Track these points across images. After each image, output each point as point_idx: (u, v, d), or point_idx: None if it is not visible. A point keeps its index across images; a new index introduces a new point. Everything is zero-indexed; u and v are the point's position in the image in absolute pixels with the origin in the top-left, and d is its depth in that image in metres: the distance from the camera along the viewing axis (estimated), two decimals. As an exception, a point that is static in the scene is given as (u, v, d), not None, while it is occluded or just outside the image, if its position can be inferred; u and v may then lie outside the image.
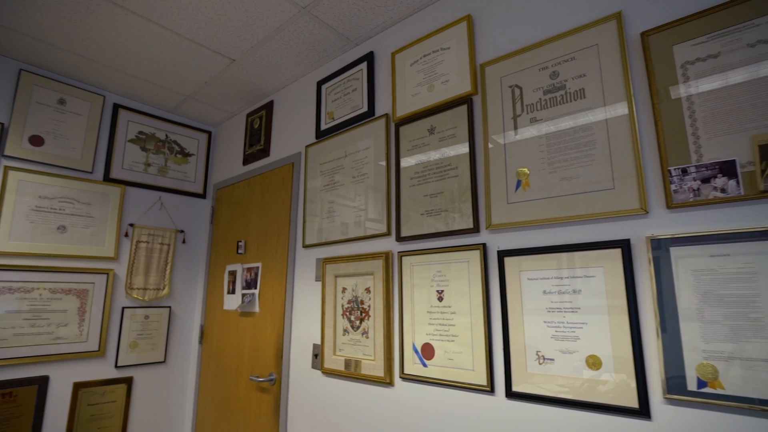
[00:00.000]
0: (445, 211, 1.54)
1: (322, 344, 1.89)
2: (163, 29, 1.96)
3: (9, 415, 2.07)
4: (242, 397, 2.27)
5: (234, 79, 2.40)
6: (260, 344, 2.23)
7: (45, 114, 2.30)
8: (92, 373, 2.35)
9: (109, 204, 2.47)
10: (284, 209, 2.26)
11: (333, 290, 1.88)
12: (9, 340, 2.09)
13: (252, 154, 2.57)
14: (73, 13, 1.86)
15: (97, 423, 2.34)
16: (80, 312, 2.32)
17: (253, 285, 2.35)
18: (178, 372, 2.70)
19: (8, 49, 2.15)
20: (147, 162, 2.67)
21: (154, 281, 2.61)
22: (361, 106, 1.95)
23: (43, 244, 2.23)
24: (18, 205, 2.16)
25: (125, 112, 2.61)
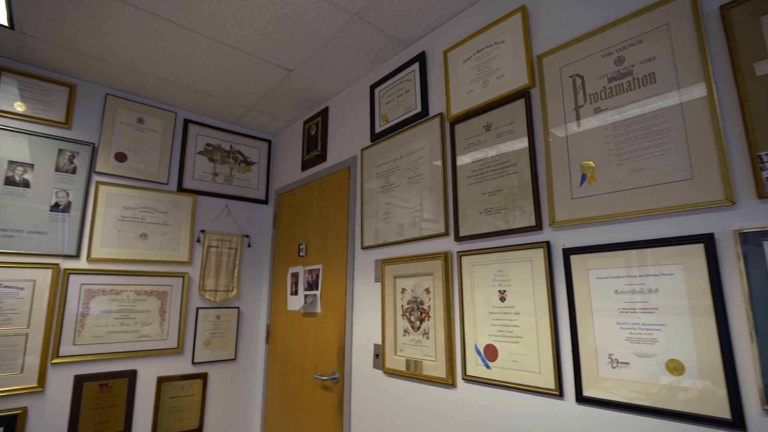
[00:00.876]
0: (504, 209, 1.51)
1: (383, 344, 1.91)
2: (226, 46, 2.08)
3: (107, 404, 2.30)
4: (307, 394, 2.36)
5: (291, 89, 2.50)
6: (323, 344, 2.30)
7: (127, 132, 2.53)
8: (173, 368, 2.55)
9: (183, 212, 2.67)
10: (342, 212, 2.32)
11: (392, 291, 1.90)
12: (104, 337, 2.33)
13: (310, 160, 2.66)
14: (147, 39, 2.03)
15: (178, 414, 2.53)
16: (161, 312, 2.53)
17: (314, 286, 2.43)
18: (248, 369, 2.85)
19: (96, 77, 2.39)
20: (214, 172, 2.85)
21: (224, 283, 2.78)
22: (414, 107, 1.95)
23: (128, 250, 2.45)
24: (107, 215, 2.40)
25: (194, 126, 2.81)
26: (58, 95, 2.34)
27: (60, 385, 2.19)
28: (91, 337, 2.29)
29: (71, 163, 2.33)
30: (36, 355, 2.13)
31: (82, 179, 2.35)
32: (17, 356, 2.09)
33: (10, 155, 2.17)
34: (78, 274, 2.28)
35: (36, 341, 2.14)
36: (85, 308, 2.29)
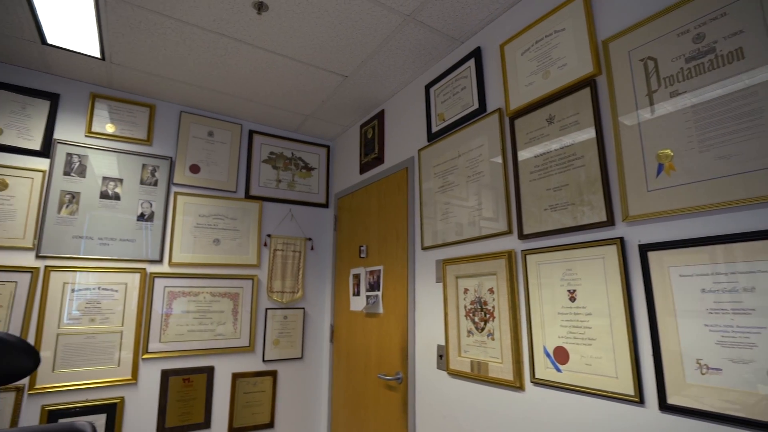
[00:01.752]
0: (571, 204, 1.43)
1: (446, 345, 1.89)
2: (286, 58, 2.18)
3: (189, 396, 2.49)
4: (371, 393, 2.39)
5: (347, 94, 2.56)
6: (386, 344, 2.33)
7: (199, 145, 2.73)
8: (245, 365, 2.70)
9: (251, 218, 2.83)
10: (401, 213, 2.34)
11: (454, 291, 1.88)
12: (185, 335, 2.52)
13: (368, 163, 2.71)
14: (215, 57, 2.18)
15: (251, 409, 2.68)
16: (234, 312, 2.69)
17: (376, 287, 2.46)
18: (314, 367, 2.95)
19: (172, 96, 2.60)
20: (278, 179, 2.99)
21: (289, 285, 2.90)
22: (471, 104, 1.92)
23: (203, 255, 2.64)
24: (185, 223, 2.61)
25: (258, 136, 2.97)
26: (141, 115, 2.58)
27: (150, 378, 2.41)
28: (174, 335, 2.49)
29: (153, 176, 2.55)
30: (129, 351, 2.36)
31: (162, 191, 2.57)
32: (114, 351, 2.32)
33: (103, 172, 2.42)
34: (162, 277, 2.50)
35: (129, 338, 2.37)
36: (169, 308, 2.50)
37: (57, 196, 2.29)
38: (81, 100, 2.44)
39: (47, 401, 2.15)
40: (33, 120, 2.29)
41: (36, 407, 2.13)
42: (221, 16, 1.85)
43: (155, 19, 1.88)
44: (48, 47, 2.12)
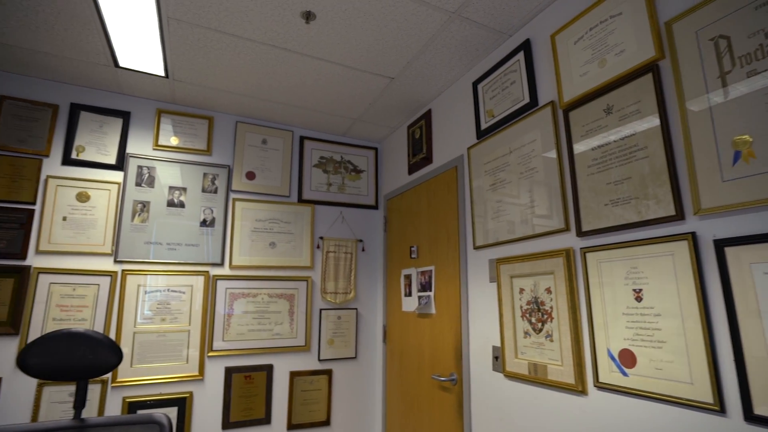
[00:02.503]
0: (635, 198, 1.35)
1: (502, 346, 1.85)
2: (334, 64, 2.23)
3: (250, 393, 2.61)
4: (425, 394, 2.38)
5: (393, 96, 2.58)
6: (439, 344, 2.31)
7: (254, 153, 2.86)
8: (302, 364, 2.79)
9: (304, 221, 2.92)
10: (452, 212, 2.31)
11: (509, 291, 1.83)
12: (245, 334, 2.65)
13: (416, 163, 2.70)
14: (267, 67, 2.27)
15: (309, 407, 2.75)
16: (290, 313, 2.79)
17: (428, 287, 2.45)
18: (368, 367, 2.99)
19: (228, 108, 2.75)
20: (328, 182, 3.07)
21: (342, 286, 2.96)
22: (522, 98, 1.87)
23: (260, 257, 2.76)
24: (243, 228, 2.74)
25: (309, 141, 3.06)
26: (201, 127, 2.75)
27: (215, 375, 2.55)
28: (236, 334, 2.62)
29: (213, 184, 2.71)
30: (196, 349, 2.51)
31: (221, 197, 2.72)
32: (183, 348, 2.48)
33: (169, 182, 2.60)
34: (223, 279, 2.64)
35: (195, 337, 2.52)
36: (230, 309, 2.63)
37: (130, 205, 2.49)
38: (148, 116, 2.64)
39: (127, 393, 2.34)
40: (109, 137, 2.51)
41: (118, 398, 2.32)
42: (272, 28, 1.93)
43: (212, 35, 2.00)
44: (120, 69, 2.31)
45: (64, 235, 2.33)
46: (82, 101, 2.50)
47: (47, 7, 1.81)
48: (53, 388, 2.21)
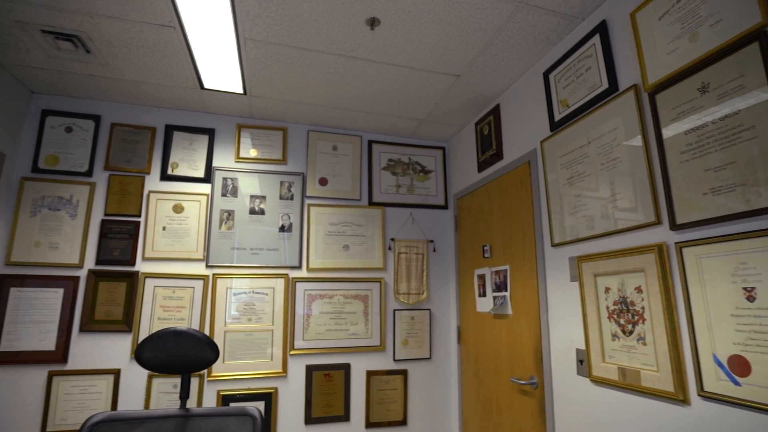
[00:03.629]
0: (741, 185, 1.20)
1: (587, 349, 1.74)
2: (399, 67, 2.25)
3: (329, 390, 2.71)
4: (504, 397, 2.31)
5: (460, 93, 2.54)
6: (517, 346, 2.23)
7: (325, 160, 2.98)
8: (378, 363, 2.84)
9: (375, 224, 2.98)
10: (526, 209, 2.22)
11: (593, 291, 1.72)
12: (323, 334, 2.76)
13: (485, 160, 2.64)
14: (335, 77, 2.35)
15: (385, 406, 2.80)
16: (365, 313, 2.85)
17: (503, 287, 2.38)
18: (442, 368, 2.97)
19: (300, 118, 2.89)
20: (397, 184, 3.10)
21: (415, 287, 2.98)
22: (599, 85, 1.75)
23: (334, 260, 2.86)
24: (318, 232, 2.86)
25: (377, 145, 3.12)
26: (276, 138, 2.92)
27: (297, 372, 2.68)
28: (315, 334, 2.74)
29: (289, 192, 2.86)
30: (279, 347, 2.67)
31: (297, 204, 2.86)
32: (267, 347, 2.65)
33: (250, 191, 2.80)
34: (301, 281, 2.78)
35: (278, 336, 2.68)
36: (309, 310, 2.76)
37: (218, 214, 2.72)
38: (230, 131, 2.86)
39: (220, 387, 2.55)
40: (197, 152, 2.76)
41: (213, 392, 2.54)
42: (338, 38, 2.00)
43: (283, 51, 2.11)
44: (205, 91, 2.53)
45: (163, 243, 2.60)
46: (175, 122, 2.77)
47: (145, 42, 2.04)
48: (160, 379, 2.47)
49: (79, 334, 2.41)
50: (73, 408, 2.33)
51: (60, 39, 2.02)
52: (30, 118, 2.56)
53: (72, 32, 1.97)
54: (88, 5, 1.79)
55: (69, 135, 2.58)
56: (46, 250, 2.43)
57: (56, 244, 2.45)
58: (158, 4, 1.78)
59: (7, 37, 2.03)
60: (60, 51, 2.12)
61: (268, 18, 1.86)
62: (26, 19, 1.88)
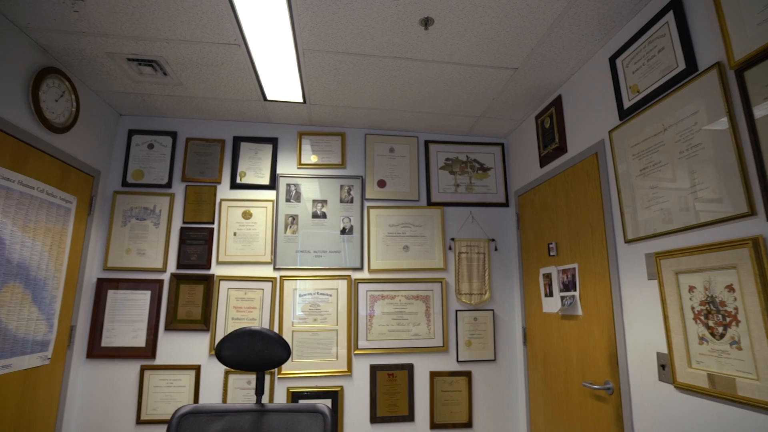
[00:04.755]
0: None
1: (669, 353, 1.61)
2: (454, 65, 2.23)
3: (393, 390, 2.74)
4: (576, 402, 2.20)
5: (518, 87, 2.46)
6: (588, 349, 2.11)
7: (383, 162, 3.02)
8: (441, 364, 2.82)
9: (434, 224, 2.97)
10: (594, 204, 2.10)
11: (675, 290, 1.58)
12: (386, 334, 2.79)
13: (548, 155, 2.53)
14: (390, 79, 2.38)
15: (450, 407, 2.77)
16: (426, 314, 2.85)
17: (571, 287, 2.27)
18: (508, 370, 2.88)
19: (357, 122, 2.95)
20: (456, 183, 3.07)
21: (477, 287, 2.92)
22: (675, 66, 1.61)
23: (395, 261, 2.89)
24: (378, 233, 2.91)
25: (433, 145, 3.10)
26: (335, 143, 3.01)
27: (361, 372, 2.74)
28: (378, 334, 2.78)
29: (349, 195, 2.93)
30: (344, 347, 2.74)
31: (357, 206, 2.92)
32: (332, 346, 2.73)
33: (312, 196, 2.91)
34: (363, 282, 2.83)
35: (342, 336, 2.75)
36: (371, 310, 2.81)
37: (282, 219, 2.85)
38: (292, 139, 2.99)
39: (290, 384, 2.67)
40: (263, 161, 2.91)
41: (283, 388, 2.66)
42: (393, 40, 2.02)
43: (340, 58, 2.17)
44: (268, 102, 2.67)
45: (235, 247, 2.77)
46: (241, 133, 2.95)
47: (213, 60, 2.19)
48: (235, 376, 2.63)
49: (164, 332, 2.64)
50: (162, 399, 2.55)
51: (142, 65, 2.23)
52: (119, 138, 2.85)
53: (152, 58, 2.17)
54: (165, 32, 1.96)
55: (151, 151, 2.84)
56: (135, 256, 2.69)
57: (143, 250, 2.70)
58: (224, 24, 1.90)
59: (99, 68, 2.27)
60: (142, 75, 2.34)
61: (325, 27, 1.93)
62: (114, 50, 2.10)
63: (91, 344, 2.55)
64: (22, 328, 2.03)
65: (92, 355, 2.55)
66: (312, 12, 1.82)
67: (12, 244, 1.96)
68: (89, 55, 2.16)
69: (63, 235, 2.31)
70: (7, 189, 1.92)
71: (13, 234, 1.96)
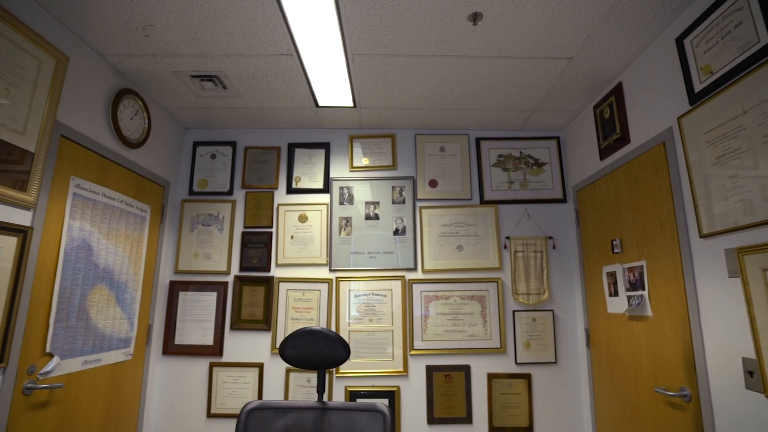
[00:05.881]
0: None
1: (758, 359, 1.46)
2: (505, 59, 2.18)
3: (450, 392, 2.71)
4: (648, 409, 2.06)
5: (573, 77, 2.35)
6: (660, 352, 1.97)
7: (434, 161, 3.00)
8: (499, 366, 2.75)
9: (488, 222, 2.91)
10: (663, 197, 1.96)
11: (762, 288, 1.44)
12: (441, 335, 2.77)
13: (608, 147, 2.40)
14: (439, 78, 2.36)
15: (509, 410, 2.69)
16: (482, 314, 2.79)
17: (638, 286, 2.13)
18: (570, 374, 2.76)
19: (407, 123, 2.97)
20: (509, 180, 2.98)
21: (534, 286, 2.82)
22: (755, 41, 1.47)
23: (449, 261, 2.86)
24: (430, 234, 2.90)
25: (485, 142, 3.04)
26: (385, 145, 3.04)
27: (417, 372, 2.74)
28: (433, 335, 2.77)
29: (401, 196, 2.95)
30: (399, 347, 2.75)
31: (409, 207, 2.93)
32: (388, 346, 2.75)
33: (364, 198, 2.95)
34: (417, 283, 2.83)
35: (398, 336, 2.76)
36: (426, 311, 2.80)
37: (337, 222, 2.92)
38: (343, 143, 3.05)
39: (347, 383, 2.72)
40: (316, 166, 3.00)
41: (341, 387, 2.72)
42: (441, 39, 2.01)
43: (388, 61, 2.19)
44: (319, 108, 2.75)
45: (292, 250, 2.88)
46: (296, 140, 3.06)
47: (268, 71, 2.29)
48: (296, 374, 2.73)
49: (230, 331, 2.79)
50: (229, 395, 2.70)
51: (204, 80, 2.38)
52: (185, 150, 3.06)
53: (213, 73, 2.31)
54: (224, 48, 2.08)
55: (213, 161, 3.02)
56: (202, 260, 2.87)
57: (209, 254, 2.87)
58: (278, 36, 1.99)
59: (167, 86, 2.46)
60: (204, 90, 2.49)
61: (373, 31, 1.95)
62: (180, 68, 2.26)
63: (166, 342, 2.76)
64: (108, 327, 2.24)
65: (167, 351, 2.75)
66: (360, 17, 1.85)
67: (99, 251, 2.16)
68: (158, 75, 2.34)
69: (140, 241, 2.52)
70: (93, 201, 2.13)
71: (99, 241, 2.16)
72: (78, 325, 2.03)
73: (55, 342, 1.89)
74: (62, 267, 1.92)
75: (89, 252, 2.10)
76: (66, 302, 1.95)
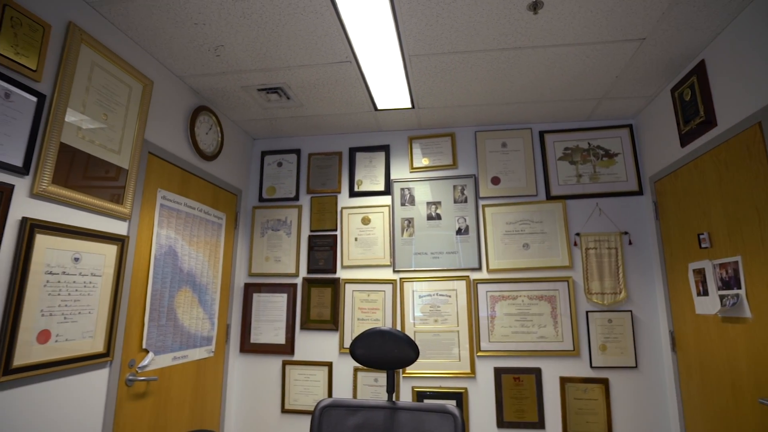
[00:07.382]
0: None
1: None
2: (568, 46, 2.08)
3: (520, 395, 2.63)
4: (749, 422, 1.85)
5: (646, 59, 2.19)
6: (763, 359, 1.77)
7: (495, 158, 2.93)
8: (572, 370, 2.62)
9: (555, 219, 2.78)
10: (760, 184, 1.76)
11: None
12: (509, 336, 2.69)
13: (690, 132, 2.20)
14: (498, 72, 2.30)
15: (585, 417, 2.55)
16: (553, 315, 2.68)
17: (733, 284, 1.93)
18: (653, 379, 2.55)
19: (466, 120, 2.92)
20: (577, 173, 2.83)
21: (609, 285, 2.65)
22: None
23: (514, 260, 2.77)
24: (495, 232, 2.83)
25: (549, 135, 2.91)
26: (444, 144, 3.01)
27: (485, 374, 2.68)
28: (500, 336, 2.70)
29: (462, 195, 2.91)
30: (466, 348, 2.71)
31: (472, 206, 2.89)
32: (454, 347, 2.73)
33: (425, 198, 2.95)
34: (483, 283, 2.78)
35: (464, 337, 2.73)
36: (492, 311, 2.74)
37: (399, 223, 2.94)
38: (403, 144, 3.08)
39: (414, 384, 2.73)
40: (377, 168, 3.05)
41: (408, 387, 2.74)
42: (499, 31, 1.96)
43: (445, 59, 2.18)
44: (378, 112, 2.79)
45: (356, 252, 2.95)
46: (356, 144, 3.13)
47: (328, 79, 2.37)
48: (363, 373, 2.79)
49: (300, 331, 2.92)
50: (301, 392, 2.82)
51: (269, 93, 2.51)
52: (254, 159, 3.24)
53: (277, 85, 2.43)
54: (287, 60, 2.18)
55: (280, 168, 3.17)
56: (273, 263, 3.02)
57: (279, 257, 3.02)
58: (336, 44, 2.05)
59: (236, 100, 2.63)
60: (270, 102, 2.63)
61: (430, 31, 1.95)
62: (247, 83, 2.40)
63: (242, 340, 2.94)
64: (193, 326, 2.43)
65: (244, 350, 2.93)
66: (416, 18, 1.86)
67: (183, 256, 2.36)
68: (228, 91, 2.51)
69: (217, 247, 2.71)
70: (177, 210, 2.33)
71: (183, 247, 2.36)
72: (167, 324, 2.23)
73: (150, 339, 2.09)
74: (153, 271, 2.13)
75: (175, 257, 2.30)
76: (157, 303, 2.15)
